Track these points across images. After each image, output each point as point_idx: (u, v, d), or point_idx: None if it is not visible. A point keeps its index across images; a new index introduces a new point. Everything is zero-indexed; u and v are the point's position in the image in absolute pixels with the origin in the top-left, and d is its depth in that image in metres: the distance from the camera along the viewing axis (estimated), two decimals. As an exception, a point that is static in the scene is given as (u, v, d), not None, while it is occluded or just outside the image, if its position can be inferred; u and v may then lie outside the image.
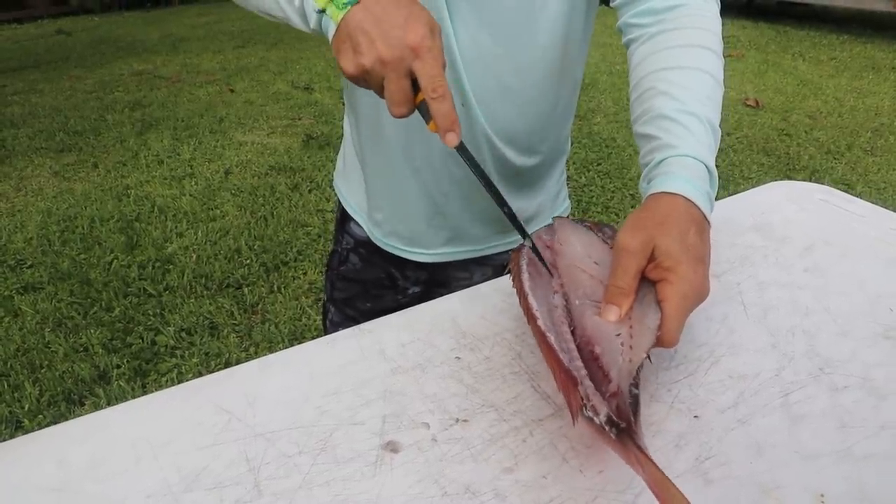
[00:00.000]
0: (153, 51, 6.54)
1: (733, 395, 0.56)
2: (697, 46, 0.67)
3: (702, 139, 0.62)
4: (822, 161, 3.64)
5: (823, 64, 5.70)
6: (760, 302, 0.70)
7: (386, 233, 0.93)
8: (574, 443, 0.51)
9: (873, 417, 0.54)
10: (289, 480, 0.47)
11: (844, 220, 0.87)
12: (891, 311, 0.69)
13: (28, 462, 0.49)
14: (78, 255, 2.54)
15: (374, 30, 0.55)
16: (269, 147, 3.71)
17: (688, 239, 0.56)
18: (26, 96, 4.85)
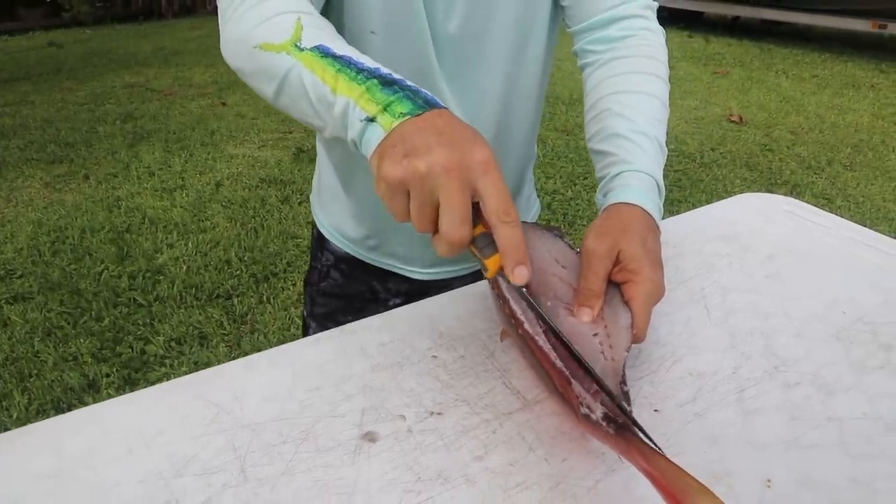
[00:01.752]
0: (145, 64, 6.57)
1: (692, 391, 0.60)
2: (647, 73, 0.73)
3: (652, 156, 0.68)
4: (803, 176, 3.72)
5: (805, 81, 5.82)
6: (722, 306, 0.74)
7: (383, 254, 0.97)
8: (540, 434, 0.55)
9: (821, 411, 0.58)
10: (273, 467, 0.50)
11: (807, 230, 0.92)
12: (844, 314, 0.73)
13: (25, 451, 0.52)
14: (68, 265, 2.56)
15: (438, 137, 0.48)
16: (260, 160, 3.75)
17: (647, 244, 0.60)
18: (17, 108, 4.86)
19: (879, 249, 0.87)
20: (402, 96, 0.52)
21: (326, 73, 0.55)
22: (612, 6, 0.77)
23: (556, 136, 4.15)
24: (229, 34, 0.63)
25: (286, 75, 0.57)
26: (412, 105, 0.51)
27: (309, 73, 0.56)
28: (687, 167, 3.78)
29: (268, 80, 0.59)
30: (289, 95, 0.59)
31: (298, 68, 0.56)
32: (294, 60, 0.56)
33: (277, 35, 0.58)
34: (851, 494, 0.50)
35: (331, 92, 0.54)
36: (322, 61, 0.55)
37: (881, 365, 0.65)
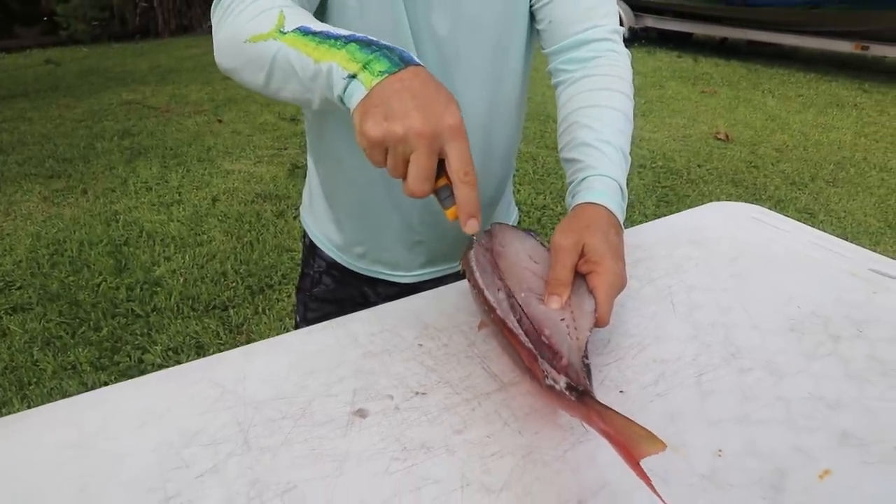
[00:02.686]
0: (142, 81, 6.66)
1: (655, 375, 0.66)
2: (613, 90, 0.81)
3: (615, 163, 0.75)
4: (787, 191, 3.81)
5: (791, 100, 5.95)
6: (687, 302, 0.80)
7: (369, 262, 1.03)
8: (514, 411, 0.60)
9: (771, 392, 0.64)
10: (273, 438, 0.56)
11: (771, 235, 0.98)
12: (798, 308, 0.79)
13: (47, 425, 0.58)
14: (66, 277, 2.61)
15: (414, 101, 0.54)
16: (256, 175, 3.81)
17: (609, 239, 0.67)
18: (15, 124, 4.92)
19: (835, 252, 0.93)
20: (379, 55, 0.58)
21: (308, 46, 0.61)
22: (582, 30, 0.84)
23: (547, 154, 4.23)
24: (221, 37, 0.69)
25: (273, 58, 0.63)
26: (389, 63, 0.57)
27: (294, 50, 0.62)
28: (674, 183, 3.87)
29: (258, 69, 0.65)
30: (278, 77, 0.64)
31: (284, 49, 0.62)
32: (279, 44, 0.63)
33: (263, 26, 0.64)
34: (793, 461, 0.56)
35: (314, 62, 0.60)
36: (304, 38, 0.62)
37: (829, 353, 0.71)
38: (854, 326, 0.76)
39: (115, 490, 0.51)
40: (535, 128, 4.60)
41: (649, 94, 6.01)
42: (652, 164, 4.15)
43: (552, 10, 0.83)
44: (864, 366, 0.69)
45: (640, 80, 6.50)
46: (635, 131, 2.92)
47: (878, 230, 3.36)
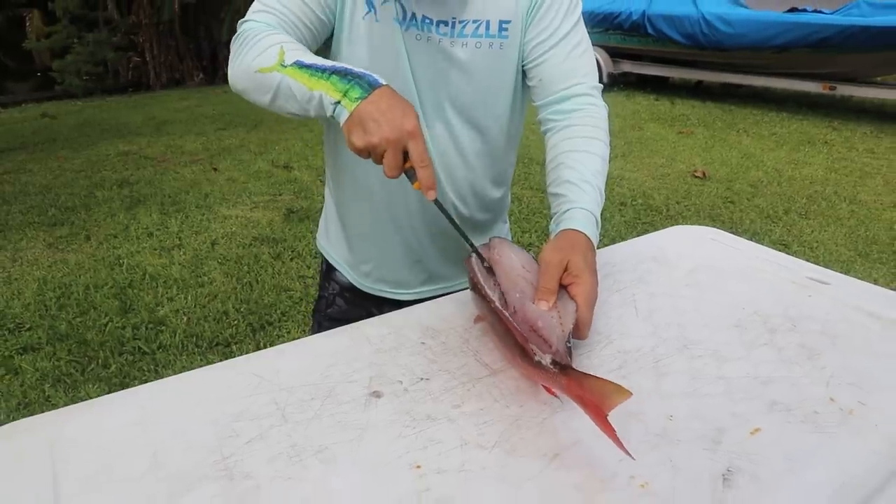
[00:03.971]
0: (138, 133, 6.84)
1: (619, 362, 0.80)
2: (592, 138, 0.98)
3: (593, 199, 0.92)
4: (762, 224, 3.98)
5: (765, 138, 6.20)
6: (649, 306, 0.94)
7: (374, 280, 1.17)
8: (502, 391, 0.73)
9: (715, 373, 0.78)
10: (305, 414, 0.69)
11: (725, 252, 1.13)
12: (743, 309, 0.93)
13: (113, 410, 0.70)
14: (74, 318, 2.71)
15: (381, 118, 0.77)
16: (253, 220, 3.95)
17: (587, 258, 0.83)
18: (16, 176, 5.06)
19: (779, 264, 1.08)
20: (354, 84, 0.80)
21: (303, 77, 0.82)
22: (567, 87, 1.00)
23: (532, 195, 4.41)
24: (236, 66, 0.89)
25: (278, 86, 0.84)
26: (361, 90, 0.80)
27: (293, 80, 0.83)
28: (654, 219, 4.04)
29: (265, 91, 0.86)
30: (281, 99, 0.85)
31: (286, 79, 0.83)
32: (281, 75, 0.84)
33: (268, 61, 0.85)
34: (730, 423, 0.69)
35: (308, 89, 0.82)
36: (299, 70, 0.83)
37: (766, 343, 0.85)
38: (790, 322, 0.90)
39: (181, 454, 0.63)
40: (520, 170, 4.79)
41: (629, 135, 6.25)
42: (632, 201, 4.33)
43: (541, 70, 1.00)
44: (795, 352, 0.83)
45: (620, 123, 6.77)
46: (616, 171, 3.18)
47: (848, 259, 3.52)
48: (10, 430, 0.68)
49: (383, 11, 0.93)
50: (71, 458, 0.62)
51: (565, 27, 0.98)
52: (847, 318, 0.91)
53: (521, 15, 0.97)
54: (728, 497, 0.59)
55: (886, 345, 0.84)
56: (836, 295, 0.98)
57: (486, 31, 0.96)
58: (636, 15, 7.97)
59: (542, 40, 0.98)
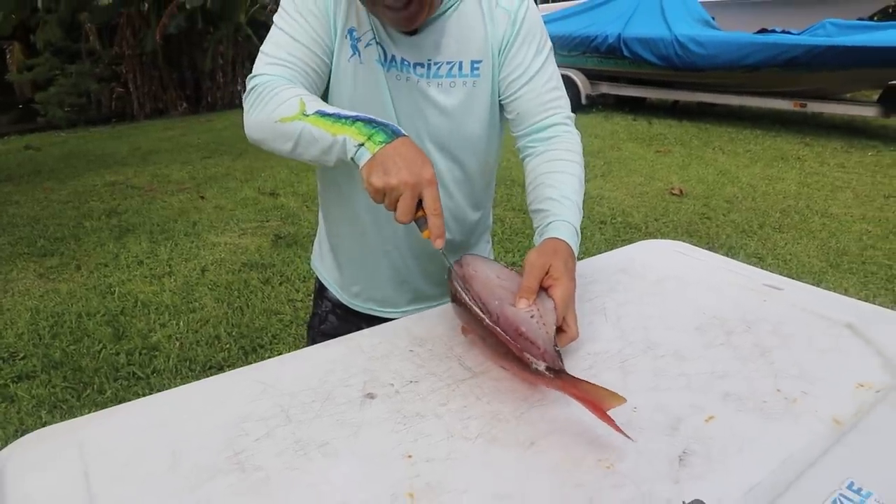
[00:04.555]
0: (124, 163, 6.88)
1: (589, 363, 0.88)
2: (568, 160, 1.08)
3: (573, 212, 1.02)
4: (738, 239, 4.11)
5: (740, 156, 6.38)
6: (617, 313, 1.03)
7: (364, 300, 1.25)
8: (484, 391, 0.81)
9: (676, 370, 0.86)
10: (307, 414, 0.76)
11: (688, 264, 1.22)
12: (703, 314, 1.02)
13: (134, 414, 0.77)
14: (68, 346, 2.76)
15: (402, 162, 0.82)
16: (241, 247, 4.02)
17: (567, 264, 0.92)
18: (3, 207, 5.09)
19: (737, 273, 1.17)
20: (379, 130, 0.86)
21: (326, 125, 0.88)
22: (543, 118, 1.10)
23: (514, 216, 4.52)
24: (254, 119, 0.95)
25: (300, 133, 0.89)
26: (385, 136, 0.85)
27: (315, 128, 0.88)
28: (633, 237, 4.15)
29: (286, 140, 0.91)
30: (303, 145, 0.90)
31: (308, 127, 0.88)
32: (304, 123, 0.89)
33: (290, 111, 0.90)
34: (687, 412, 0.77)
35: (331, 135, 0.87)
36: (322, 119, 0.88)
37: (723, 343, 0.94)
38: (745, 325, 0.99)
39: (198, 452, 0.70)
40: (502, 192, 4.90)
41: (608, 155, 6.41)
42: (612, 220, 4.45)
43: (518, 105, 1.10)
44: (749, 351, 0.92)
45: (599, 143, 6.93)
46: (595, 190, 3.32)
47: (820, 269, 3.65)
48: (42, 435, 0.75)
49: (366, 54, 1.02)
50: (99, 457, 0.69)
51: (537, 63, 1.08)
52: (796, 320, 1.00)
53: (491, 54, 1.06)
54: (683, 474, 0.67)
55: (828, 341, 0.93)
56: (788, 299, 1.07)
57: (459, 71, 1.05)
58: (612, 38, 8.20)
59: (516, 77, 1.08)
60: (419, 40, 1.03)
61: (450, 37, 1.04)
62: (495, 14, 1.05)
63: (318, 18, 0.99)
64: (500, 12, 1.05)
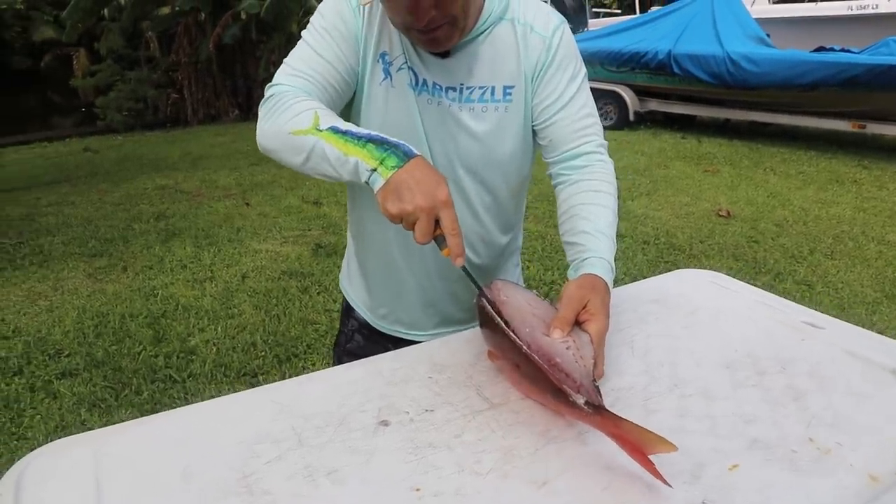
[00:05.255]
0: (174, 168, 7.10)
1: (612, 399, 0.86)
2: (601, 192, 1.05)
3: (607, 248, 0.99)
4: (786, 265, 3.98)
5: (792, 177, 6.20)
6: (645, 346, 1.00)
7: (391, 322, 1.25)
8: (500, 423, 0.80)
9: (702, 411, 0.83)
10: (319, 439, 0.76)
11: (724, 296, 1.18)
12: (736, 351, 0.98)
13: (151, 430, 0.78)
14: (110, 346, 2.84)
15: (416, 187, 0.82)
16: (282, 254, 4.08)
17: (604, 300, 0.91)
18: (59, 208, 5.29)
19: (774, 307, 1.13)
20: (390, 153, 0.85)
21: (339, 142, 0.87)
22: (576, 146, 1.08)
23: (555, 233, 4.44)
24: (267, 128, 0.94)
25: (312, 147, 0.88)
26: (397, 159, 0.84)
27: (328, 144, 0.87)
28: (676, 258, 4.07)
29: (297, 153, 0.90)
30: (314, 160, 0.89)
31: (320, 142, 0.88)
32: (316, 138, 0.88)
33: (303, 124, 0.89)
34: (710, 458, 0.74)
35: (343, 154, 0.86)
36: (335, 135, 0.87)
37: (754, 384, 0.90)
38: (779, 364, 0.95)
39: (209, 471, 0.71)
40: (545, 208, 4.86)
41: (654, 173, 6.30)
42: (655, 240, 4.37)
43: (551, 132, 1.08)
44: (781, 393, 0.88)
45: (646, 161, 6.83)
46: (640, 209, 3.27)
47: (874, 300, 3.51)
48: (60, 446, 0.77)
49: (398, 78, 1.02)
50: (113, 472, 0.70)
51: (570, 90, 1.06)
52: (835, 361, 0.96)
53: (524, 80, 1.05)
54: (701, 525, 0.64)
55: (870, 387, 0.89)
56: (828, 339, 1.03)
57: (492, 96, 1.04)
58: (662, 54, 8.09)
59: (550, 104, 1.06)
60: (451, 64, 1.02)
61: (482, 61, 1.03)
62: (529, 39, 1.04)
63: (345, 38, 0.99)
64: (535, 38, 1.04)
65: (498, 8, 1.04)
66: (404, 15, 0.91)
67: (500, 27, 1.04)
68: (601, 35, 9.20)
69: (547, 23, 1.06)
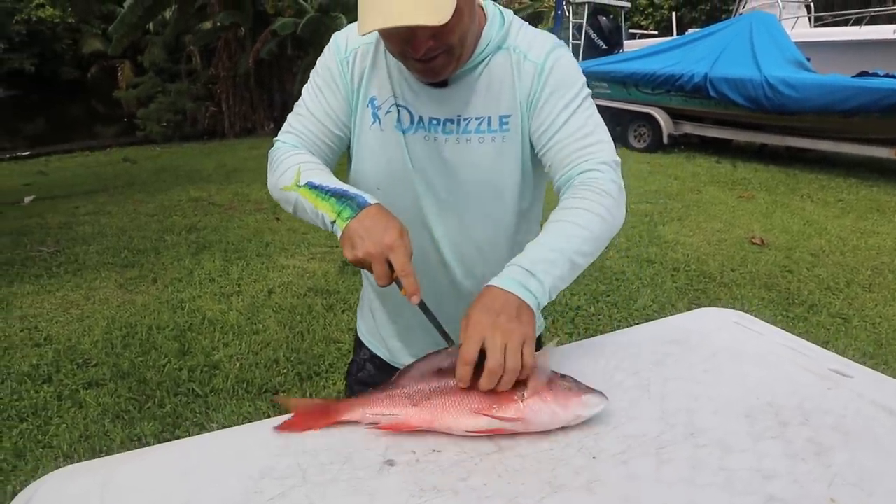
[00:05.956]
0: (209, 180, 7.23)
1: (623, 447, 0.83)
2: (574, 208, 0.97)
3: (534, 254, 0.92)
4: (821, 296, 3.88)
5: (830, 205, 6.05)
6: (661, 391, 0.97)
7: (404, 356, 1.25)
8: (507, 468, 0.78)
9: (718, 464, 0.80)
10: (324, 476, 0.75)
11: (747, 338, 1.15)
12: (757, 398, 0.95)
13: (159, 458, 0.78)
14: (136, 357, 2.88)
15: (365, 234, 0.89)
16: (309, 271, 4.11)
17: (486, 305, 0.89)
18: (96, 217, 5.43)
19: (800, 352, 1.09)
20: (346, 205, 0.92)
21: (311, 197, 0.96)
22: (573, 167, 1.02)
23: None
24: (269, 183, 1.06)
25: (296, 202, 0.99)
26: (351, 210, 0.92)
27: (304, 199, 0.97)
28: (707, 286, 3.99)
29: (288, 205, 1.02)
30: (300, 212, 1.00)
31: (300, 198, 0.98)
32: (297, 194, 0.98)
33: (287, 180, 1.00)
34: (723, 515, 0.72)
35: (314, 208, 0.95)
36: (309, 191, 0.97)
37: (774, 436, 0.87)
38: (803, 415, 0.92)
39: (211, 508, 0.71)
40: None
41: (687, 198, 6.22)
42: (686, 267, 4.29)
43: (550, 157, 1.05)
44: (803, 447, 0.84)
45: (678, 185, 6.74)
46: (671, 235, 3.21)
47: (913, 337, 3.39)
48: (70, 472, 0.77)
49: (386, 120, 1.05)
50: (118, 500, 0.71)
51: (565, 115, 1.03)
52: (863, 414, 0.92)
53: (520, 108, 1.04)
54: (710, 590, 0.62)
55: (897, 444, 0.85)
56: (857, 389, 0.99)
57: (489, 126, 1.04)
58: (698, 77, 8.01)
59: (545, 129, 1.04)
60: (448, 94, 1.03)
61: (479, 92, 1.03)
62: (523, 67, 1.03)
63: (334, 93, 1.07)
64: (528, 65, 1.03)
65: (497, 37, 1.04)
66: (402, 45, 0.92)
67: (497, 56, 1.04)
68: (636, 57, 9.16)
69: (541, 49, 1.04)
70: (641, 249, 4.58)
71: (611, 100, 8.98)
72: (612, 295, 3.81)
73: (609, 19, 12.17)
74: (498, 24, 1.04)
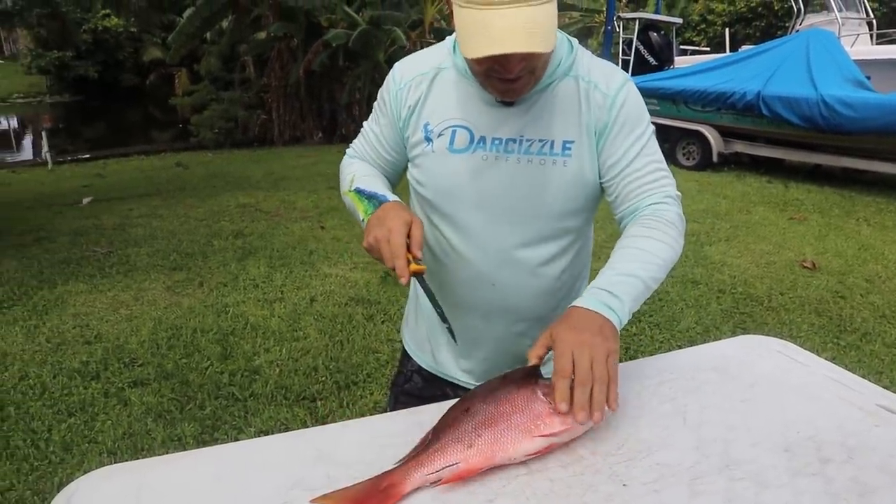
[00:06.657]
0: (257, 186, 7.40)
1: (655, 475, 0.82)
2: (643, 236, 1.03)
3: (608, 278, 0.97)
4: (876, 324, 3.73)
5: (888, 230, 5.83)
6: (698, 419, 0.95)
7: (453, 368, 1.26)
8: (536, 490, 0.78)
9: (753, 499, 0.78)
10: (352, 492, 0.76)
11: (788, 367, 1.12)
12: (798, 433, 0.92)
13: (195, 464, 0.80)
14: (180, 359, 2.96)
15: (376, 223, 0.98)
16: (351, 280, 4.16)
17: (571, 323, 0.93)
18: (148, 220, 5.61)
19: (846, 385, 1.06)
20: (371, 204, 1.03)
21: (355, 200, 1.08)
22: (640, 199, 1.07)
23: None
24: (340, 188, 1.19)
25: (349, 205, 1.12)
26: (373, 207, 1.03)
27: (351, 202, 1.09)
28: (753, 310, 3.89)
29: (347, 208, 1.14)
30: (352, 214, 1.11)
31: (349, 201, 1.10)
32: (348, 198, 1.11)
33: (345, 186, 1.14)
34: (756, 553, 0.70)
35: (356, 209, 1.07)
36: (354, 195, 1.08)
37: (815, 472, 0.84)
38: (846, 452, 0.88)
39: (241, 515, 0.72)
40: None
41: (735, 218, 6.08)
42: (732, 289, 4.19)
43: (617, 189, 1.08)
44: (844, 486, 0.81)
45: (727, 205, 6.60)
46: (718, 256, 3.16)
47: (973, 371, 3.23)
48: (107, 473, 0.80)
49: (438, 143, 1.08)
50: (153, 502, 0.73)
51: (635, 149, 1.06)
52: (910, 454, 0.88)
53: (586, 135, 1.05)
54: None
55: (946, 489, 0.81)
56: (905, 426, 0.95)
57: (551, 149, 1.05)
58: (750, 95, 7.84)
59: (614, 163, 1.06)
60: (513, 114, 1.04)
61: (543, 114, 1.04)
62: (592, 96, 1.04)
63: (388, 120, 1.16)
64: (598, 95, 1.04)
65: (565, 63, 1.05)
66: (492, 64, 0.94)
67: (564, 82, 1.05)
68: (687, 73, 9.02)
69: (610, 82, 1.06)
70: (686, 269, 4.49)
71: (659, 116, 8.85)
72: (655, 315, 3.75)
73: (660, 35, 12.02)
74: (566, 50, 1.07)
